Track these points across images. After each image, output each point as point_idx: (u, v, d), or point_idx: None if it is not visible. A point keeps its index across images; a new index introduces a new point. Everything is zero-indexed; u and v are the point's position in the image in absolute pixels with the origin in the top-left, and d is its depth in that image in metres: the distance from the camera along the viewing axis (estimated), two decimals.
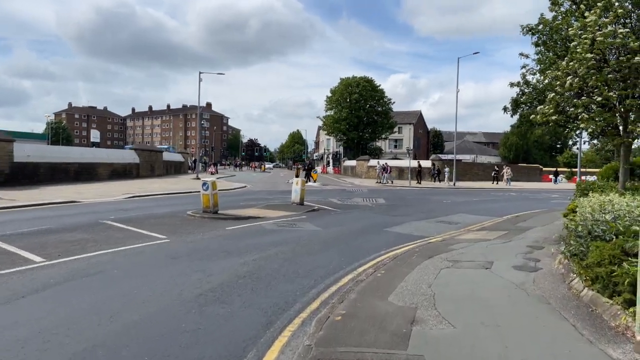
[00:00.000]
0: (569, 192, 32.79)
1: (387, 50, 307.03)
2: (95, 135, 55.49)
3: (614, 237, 5.68)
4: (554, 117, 12.26)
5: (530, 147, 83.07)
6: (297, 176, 39.21)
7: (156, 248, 9.37)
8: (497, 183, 43.17)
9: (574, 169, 58.57)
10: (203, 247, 9.62)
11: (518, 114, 16.25)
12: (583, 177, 27.01)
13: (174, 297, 6.16)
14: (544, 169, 62.07)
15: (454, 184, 38.18)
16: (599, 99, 11.07)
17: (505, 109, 15.98)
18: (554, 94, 12.22)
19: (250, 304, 6.01)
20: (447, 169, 41.47)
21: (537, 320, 5.12)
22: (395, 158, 67.74)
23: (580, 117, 11.79)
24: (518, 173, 57.89)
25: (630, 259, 5.05)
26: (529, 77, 15.20)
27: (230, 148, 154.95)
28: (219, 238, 10.79)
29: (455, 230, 13.15)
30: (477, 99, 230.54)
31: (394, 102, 66.74)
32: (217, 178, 41.98)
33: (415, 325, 5.05)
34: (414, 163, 42.59)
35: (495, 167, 48.27)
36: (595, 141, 72.67)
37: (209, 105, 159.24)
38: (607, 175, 15.97)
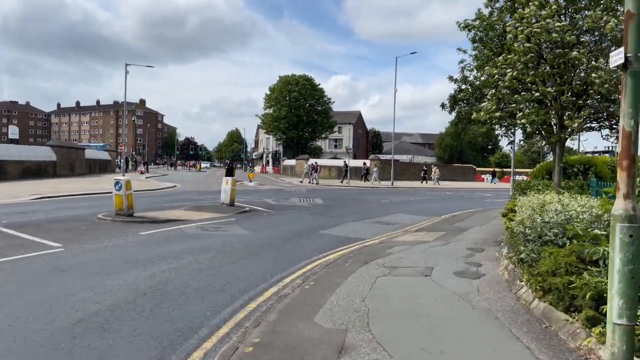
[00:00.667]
0: (501, 191, 33.61)
1: (328, 52, 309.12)
2: (13, 131, 50.39)
3: (568, 241, 5.02)
4: (497, 114, 11.89)
5: (464, 147, 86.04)
6: (231, 176, 37.70)
7: (44, 259, 7.80)
8: (427, 182, 43.77)
9: (504, 169, 61.17)
10: (104, 257, 8.16)
11: (455, 111, 15.92)
12: (517, 177, 27.63)
13: (41, 327, 4.80)
14: (477, 168, 64.30)
15: (392, 184, 38.18)
16: (537, 94, 10.77)
17: (443, 105, 15.60)
18: (494, 90, 11.85)
19: (142, 331, 4.78)
20: (375, 169, 41.31)
21: (487, 344, 4.30)
22: (335, 157, 67.51)
23: (519, 114, 11.47)
24: (453, 173, 59.49)
25: (590, 267, 4.36)
26: (467, 74, 14.90)
27: (166, 147, 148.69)
28: (127, 245, 9.34)
29: (392, 232, 12.46)
30: (415, 101, 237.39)
31: (333, 102, 66.56)
32: (147, 177, 39.51)
33: (343, 356, 4.07)
34: (342, 163, 42.37)
35: (424, 167, 49.11)
36: (522, 142, 76.38)
37: (142, 102, 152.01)
38: (540, 174, 16.02)
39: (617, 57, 3.40)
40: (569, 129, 11.63)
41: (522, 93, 11.65)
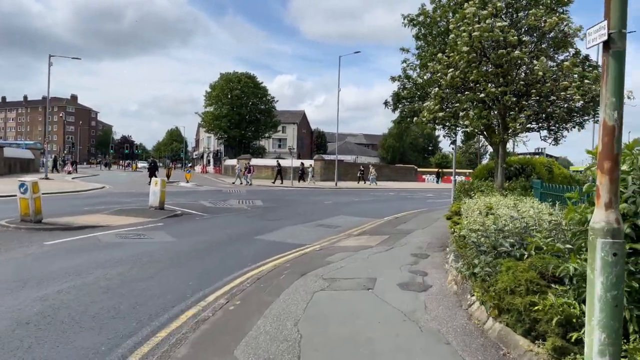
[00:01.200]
0: (443, 191, 34.05)
1: (274, 51, 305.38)
2: None
3: (526, 253, 4.44)
4: (440, 114, 11.47)
5: (406, 148, 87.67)
6: (168, 176, 35.68)
7: None
8: (364, 182, 43.79)
9: (444, 169, 62.83)
10: None
11: (399, 110, 15.52)
12: (457, 178, 27.93)
13: None
14: (419, 169, 65.55)
15: (336, 184, 37.74)
16: (482, 95, 10.43)
17: (386, 103, 15.15)
18: (437, 88, 11.44)
19: None
20: (311, 169, 40.70)
21: None
22: (279, 157, 66.35)
23: (462, 114, 11.11)
24: (395, 173, 60.23)
25: (554, 285, 3.76)
26: (410, 72, 14.52)
27: (101, 145, 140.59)
28: (26, 258, 7.97)
29: (335, 235, 11.74)
30: (359, 102, 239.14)
31: (277, 101, 65.41)
32: (73, 178, 36.59)
33: None
34: (275, 162, 41.59)
35: (361, 167, 49.26)
36: (460, 143, 78.96)
37: (74, 97, 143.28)
38: (481, 175, 15.94)
39: (596, 35, 2.77)
40: (511, 130, 11.44)
41: (466, 93, 11.33)
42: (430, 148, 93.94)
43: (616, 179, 2.70)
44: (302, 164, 42.14)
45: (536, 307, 3.62)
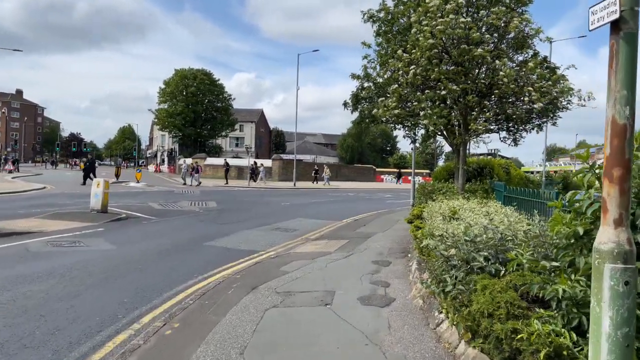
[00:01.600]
0: (401, 192, 34.07)
1: (232, 49, 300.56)
2: None
3: (502, 268, 3.95)
4: (396, 112, 11.05)
5: (364, 148, 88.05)
6: (117, 175, 33.91)
7: None
8: (317, 183, 43.32)
9: (402, 170, 63.53)
10: None
11: (358, 110, 15.02)
12: (415, 178, 27.86)
13: None
14: (377, 169, 65.86)
15: (294, 184, 37.07)
16: (444, 92, 10.08)
17: (345, 104, 14.62)
18: (396, 85, 11.01)
19: None
20: (262, 168, 39.81)
21: None
22: (237, 157, 64.95)
23: (422, 113, 10.73)
24: (354, 173, 60.22)
25: (538, 309, 3.27)
26: (370, 71, 14.05)
27: (47, 143, 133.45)
28: None
29: (291, 240, 11.09)
30: (319, 102, 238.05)
31: (234, 99, 63.96)
32: (14, 177, 34.15)
33: None
34: (223, 161, 40.63)
35: (315, 167, 48.83)
36: (417, 144, 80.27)
37: (19, 92, 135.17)
38: (441, 176, 15.76)
39: (604, 13, 2.27)
40: (472, 130, 11.19)
41: (426, 91, 10.98)
42: (388, 148, 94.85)
43: (628, 190, 2.21)
44: (255, 163, 41.04)
45: (519, 335, 3.11)
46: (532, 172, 49.44)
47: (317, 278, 7.10)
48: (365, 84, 14.39)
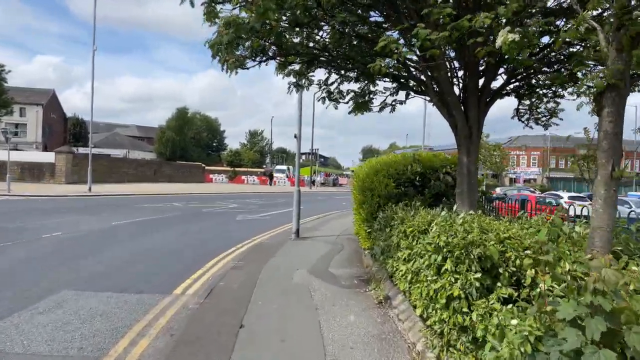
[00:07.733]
0: (247, 198, 26.04)
1: (34, 28, 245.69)
2: None
3: None
4: None
5: (187, 143, 76.93)
6: None
7: None
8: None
9: (237, 169, 56.26)
10: None
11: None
12: (243, 177, 20.32)
13: None
14: (207, 167, 56.58)
15: (90, 189, 25.90)
16: None
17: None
18: None
19: None
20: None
21: None
22: (16, 149, 48.59)
23: None
24: (178, 172, 50.11)
25: None
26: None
27: None
28: None
29: None
30: (139, 94, 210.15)
31: (9, 71, 47.24)
32: None
33: None
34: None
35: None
36: (245, 140, 72.90)
37: None
38: (379, 189, 8.74)
39: None
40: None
41: None
42: (215, 144, 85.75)
43: None
44: None
45: None
46: None
47: None
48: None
